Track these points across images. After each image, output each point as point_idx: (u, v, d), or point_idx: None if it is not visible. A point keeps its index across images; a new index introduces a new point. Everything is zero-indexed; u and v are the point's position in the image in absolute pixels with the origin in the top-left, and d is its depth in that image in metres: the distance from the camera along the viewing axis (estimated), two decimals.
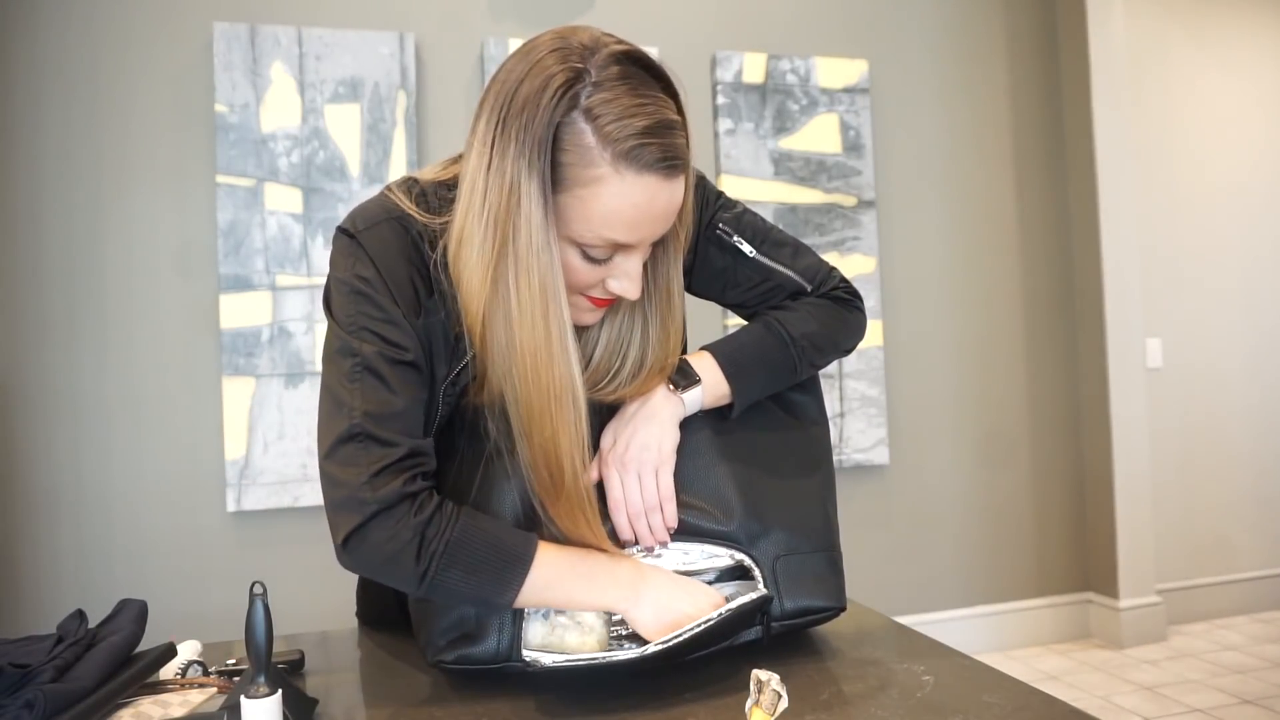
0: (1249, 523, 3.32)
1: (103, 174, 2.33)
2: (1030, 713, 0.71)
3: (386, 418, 0.75)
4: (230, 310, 2.35)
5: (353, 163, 2.46)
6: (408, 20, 2.56)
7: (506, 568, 0.75)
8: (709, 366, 0.89)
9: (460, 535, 0.74)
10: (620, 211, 0.74)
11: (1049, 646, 3.04)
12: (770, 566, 0.86)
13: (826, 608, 0.88)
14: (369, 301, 0.78)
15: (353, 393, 0.75)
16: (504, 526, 0.79)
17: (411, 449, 0.76)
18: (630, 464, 0.84)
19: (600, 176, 0.72)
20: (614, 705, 0.75)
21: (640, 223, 0.75)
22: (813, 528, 0.90)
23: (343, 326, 0.78)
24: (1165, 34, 3.30)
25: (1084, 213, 3.08)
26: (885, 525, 2.94)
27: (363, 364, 0.76)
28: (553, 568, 0.77)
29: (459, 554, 0.74)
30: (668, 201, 0.76)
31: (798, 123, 2.85)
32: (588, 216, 0.74)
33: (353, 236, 0.80)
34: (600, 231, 0.75)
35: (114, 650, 0.77)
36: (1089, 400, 3.09)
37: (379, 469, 0.73)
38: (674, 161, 0.74)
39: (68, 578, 2.27)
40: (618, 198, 0.73)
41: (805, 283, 0.96)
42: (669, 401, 0.86)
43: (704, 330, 2.70)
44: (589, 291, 0.81)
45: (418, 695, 0.81)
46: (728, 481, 0.87)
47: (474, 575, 0.74)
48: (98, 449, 2.30)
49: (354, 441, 0.74)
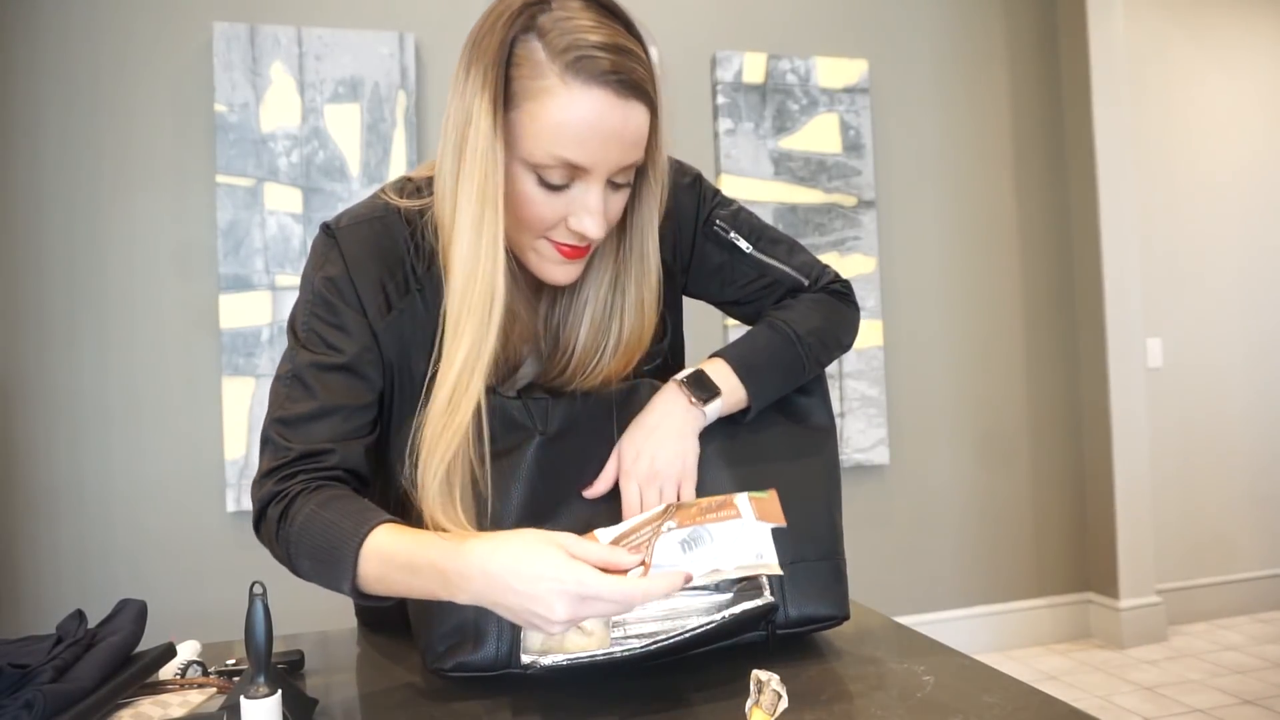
0: (1249, 522, 3.32)
1: (103, 174, 2.33)
2: (1030, 713, 0.70)
3: (292, 422, 0.79)
4: (230, 310, 2.35)
5: (352, 163, 2.46)
6: (408, 20, 2.56)
7: (337, 561, 0.73)
8: (724, 373, 0.88)
9: (304, 524, 0.75)
10: (567, 124, 0.72)
11: (1049, 646, 3.04)
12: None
13: (830, 616, 0.88)
14: (324, 304, 0.81)
15: (277, 398, 0.81)
16: (348, 513, 0.74)
17: (302, 452, 0.78)
18: (654, 478, 0.83)
19: (548, 88, 0.72)
20: (615, 705, 0.75)
21: (589, 140, 0.73)
22: (820, 535, 0.89)
23: (295, 327, 0.82)
24: (1165, 34, 3.30)
25: (1084, 213, 3.08)
26: (885, 525, 2.94)
27: (292, 372, 0.80)
28: (377, 561, 0.72)
29: (303, 545, 0.75)
30: (620, 122, 0.73)
31: (798, 123, 2.85)
32: (537, 132, 0.73)
33: (331, 234, 0.83)
34: (549, 148, 0.73)
35: (113, 650, 0.77)
36: (1089, 400, 3.09)
37: (268, 470, 0.79)
38: (624, 78, 0.72)
39: (68, 578, 2.27)
40: (565, 110, 0.72)
41: (802, 278, 0.97)
42: (690, 414, 0.86)
43: (704, 330, 2.70)
44: (552, 234, 0.79)
45: (417, 695, 0.81)
46: (734, 488, 0.86)
47: (319, 565, 0.75)
48: (98, 449, 2.30)
49: (264, 447, 0.80)
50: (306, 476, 0.78)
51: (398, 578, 0.72)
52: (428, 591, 0.72)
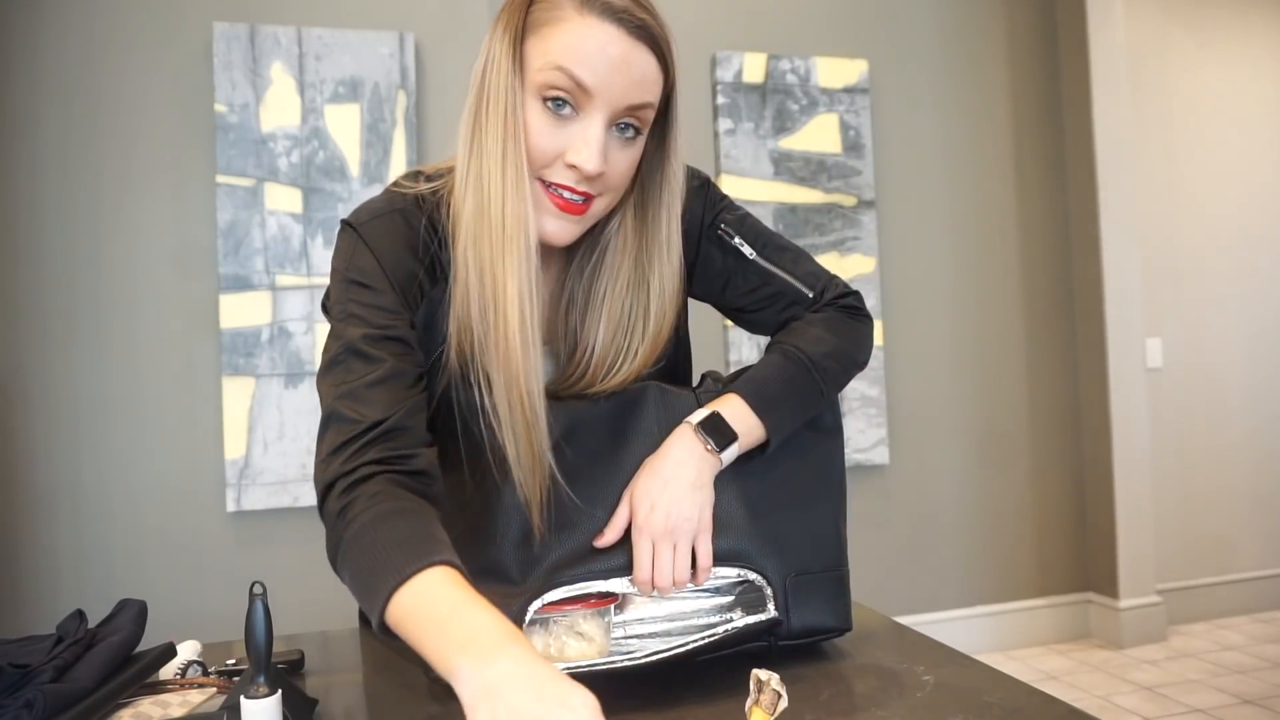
0: (1249, 522, 3.32)
1: (103, 174, 2.33)
2: (1030, 713, 0.70)
3: (358, 392, 0.75)
4: (230, 310, 2.35)
5: (352, 163, 2.46)
6: (408, 20, 2.56)
7: (371, 592, 0.67)
8: (741, 413, 0.85)
9: (359, 532, 0.69)
10: (577, 45, 0.75)
11: (1049, 646, 3.04)
12: (781, 586, 0.85)
13: (833, 628, 0.88)
14: (361, 288, 0.79)
15: (334, 377, 0.77)
16: (404, 539, 0.67)
17: (375, 420, 0.73)
18: (668, 535, 0.80)
19: (563, 16, 0.76)
20: (614, 705, 0.75)
21: (596, 64, 0.75)
22: (824, 546, 0.89)
23: (334, 317, 0.80)
24: (1165, 34, 3.30)
25: (1084, 213, 3.08)
26: (885, 525, 2.93)
27: (346, 347, 0.77)
28: (409, 609, 0.65)
29: (352, 554, 0.69)
30: (626, 53, 0.76)
31: (798, 123, 2.85)
32: (547, 50, 0.76)
33: (355, 230, 0.82)
34: (557, 60, 0.75)
35: (114, 650, 0.77)
36: (1089, 400, 3.09)
37: (335, 448, 0.73)
38: (636, 21, 0.76)
39: (68, 578, 2.27)
40: (576, 33, 0.75)
41: (806, 290, 0.94)
42: (707, 462, 0.83)
43: (705, 330, 2.70)
44: (549, 173, 0.78)
45: (417, 695, 0.81)
46: (738, 501, 0.86)
47: (356, 583, 0.69)
48: (98, 449, 2.30)
49: (327, 427, 0.76)
50: (376, 459, 0.73)
51: (415, 627, 0.64)
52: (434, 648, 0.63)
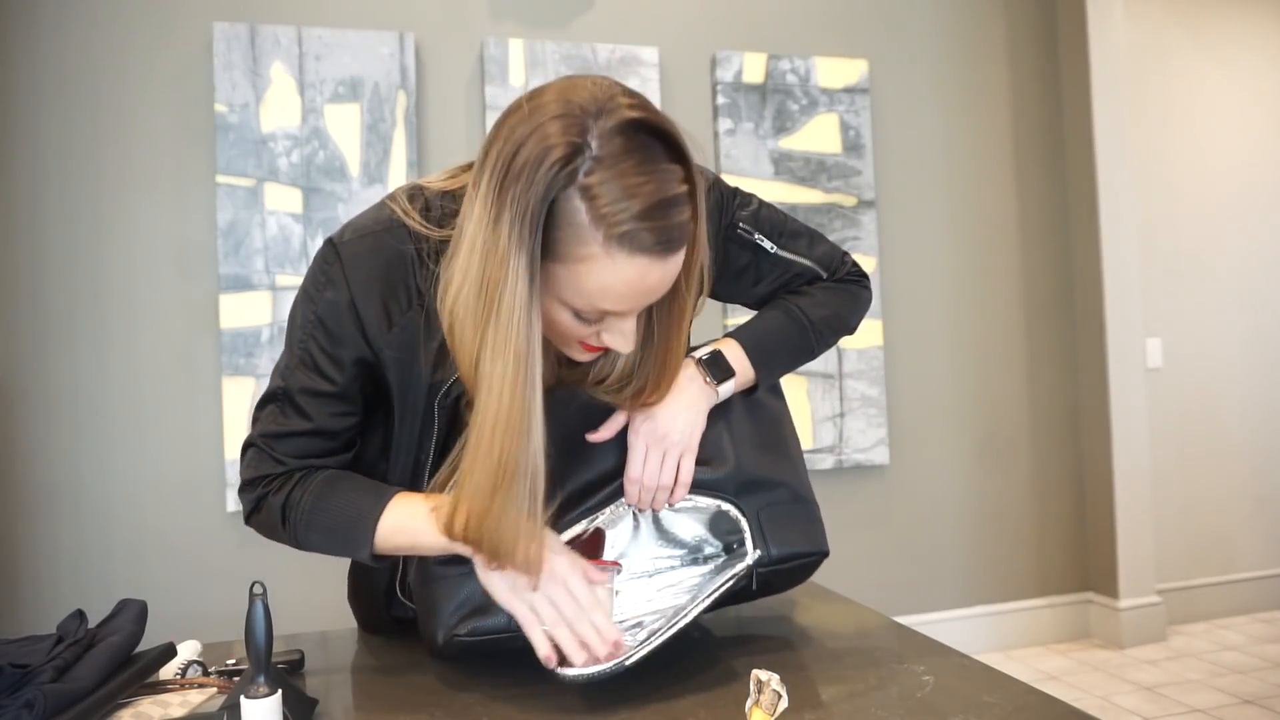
0: (1249, 522, 3.32)
1: (103, 174, 2.33)
2: (1030, 713, 0.71)
3: (284, 437, 0.85)
4: (230, 310, 2.35)
5: (353, 163, 2.46)
6: (408, 20, 2.56)
7: (355, 529, 0.83)
8: (738, 356, 0.93)
9: (313, 505, 0.84)
10: (611, 287, 0.72)
11: (1049, 646, 3.04)
12: (755, 516, 0.90)
13: (811, 552, 0.92)
14: (323, 329, 0.83)
15: (269, 415, 0.86)
16: (362, 488, 0.85)
17: (294, 468, 0.86)
18: (660, 442, 0.88)
19: (591, 255, 0.70)
20: (614, 705, 0.75)
21: (631, 297, 0.74)
22: (793, 483, 0.95)
23: (291, 345, 0.85)
24: (1165, 34, 3.30)
25: (1084, 213, 3.08)
26: (885, 525, 2.94)
27: (285, 391, 0.84)
28: (398, 524, 0.83)
29: (315, 522, 0.84)
30: (660, 277, 0.74)
31: (798, 123, 2.85)
32: (578, 289, 0.73)
33: (335, 249, 0.82)
34: (590, 302, 0.74)
35: (114, 650, 0.78)
36: (1089, 400, 3.09)
37: (258, 476, 0.85)
38: (668, 242, 0.72)
39: (68, 578, 2.27)
40: (608, 275, 0.71)
41: (822, 270, 1.01)
42: (705, 393, 0.91)
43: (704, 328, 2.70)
44: (584, 341, 0.81)
45: (417, 695, 0.81)
46: (724, 436, 0.92)
47: (331, 536, 0.84)
48: (98, 449, 2.30)
49: (252, 451, 0.86)
50: (300, 477, 0.86)
51: (411, 528, 0.82)
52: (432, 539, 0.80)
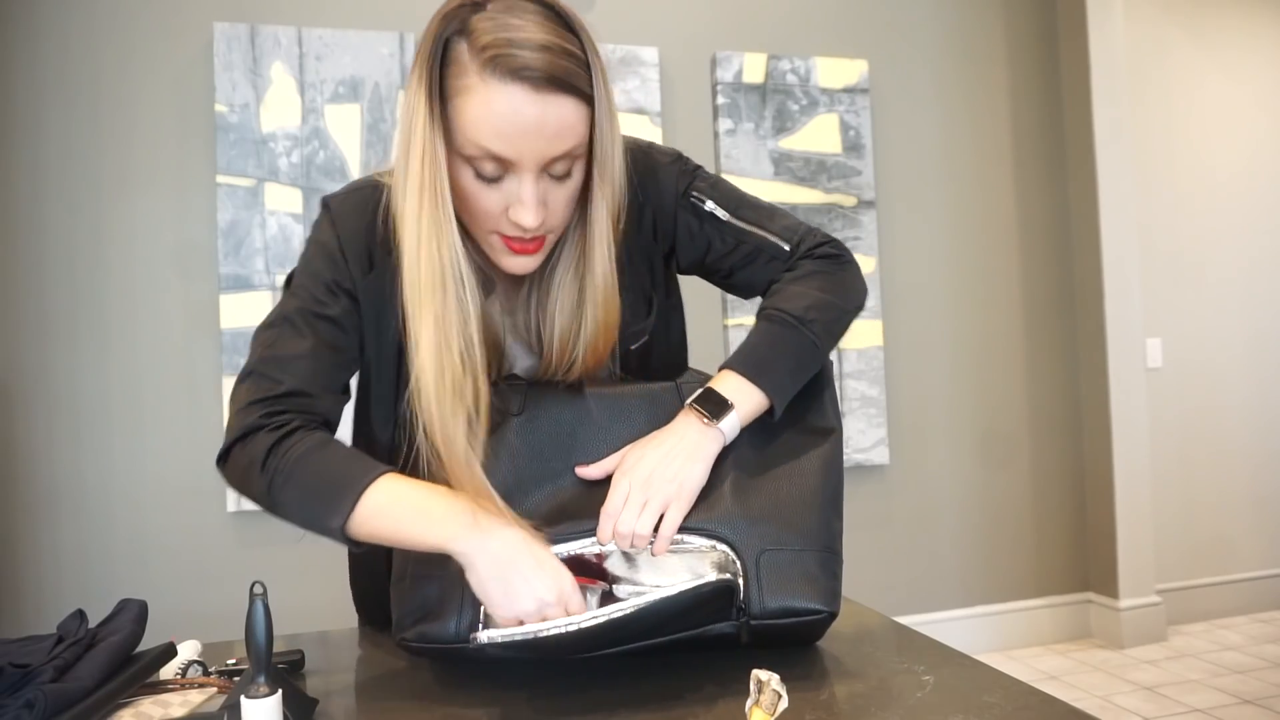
0: (1249, 522, 3.32)
1: (103, 174, 2.33)
2: (1030, 713, 0.71)
3: (280, 360, 0.83)
4: (230, 310, 2.35)
5: (353, 163, 2.46)
6: (408, 20, 2.56)
7: (338, 492, 0.77)
8: (733, 383, 0.85)
9: (303, 455, 0.78)
10: (486, 118, 0.75)
11: (1049, 646, 3.04)
12: (754, 560, 0.81)
13: (813, 610, 0.81)
14: (315, 261, 0.87)
15: (266, 339, 0.85)
16: (360, 458, 0.80)
17: (292, 389, 0.82)
18: (644, 486, 0.81)
19: (469, 85, 0.75)
20: (614, 705, 0.75)
21: (508, 133, 0.75)
22: (807, 528, 0.83)
23: (289, 280, 0.89)
24: (1165, 34, 3.30)
25: (1084, 213, 3.08)
26: (885, 525, 2.94)
27: (283, 316, 0.86)
28: (387, 494, 0.77)
29: (297, 474, 0.78)
30: (537, 115, 0.75)
31: (798, 123, 2.85)
32: (463, 126, 0.76)
33: (326, 203, 0.90)
34: (473, 138, 0.76)
35: (114, 650, 0.77)
36: (1089, 400, 3.09)
37: (255, 399, 0.82)
38: (541, 73, 0.74)
39: (68, 578, 2.27)
40: (483, 104, 0.75)
41: (783, 244, 0.94)
42: (706, 436, 0.83)
43: (704, 328, 2.71)
44: (499, 227, 0.81)
45: (417, 695, 0.81)
46: (721, 476, 0.84)
47: (308, 496, 0.78)
48: (98, 449, 2.30)
49: (249, 378, 0.83)
50: (297, 414, 0.82)
51: (396, 512, 0.76)
52: (425, 536, 0.76)
